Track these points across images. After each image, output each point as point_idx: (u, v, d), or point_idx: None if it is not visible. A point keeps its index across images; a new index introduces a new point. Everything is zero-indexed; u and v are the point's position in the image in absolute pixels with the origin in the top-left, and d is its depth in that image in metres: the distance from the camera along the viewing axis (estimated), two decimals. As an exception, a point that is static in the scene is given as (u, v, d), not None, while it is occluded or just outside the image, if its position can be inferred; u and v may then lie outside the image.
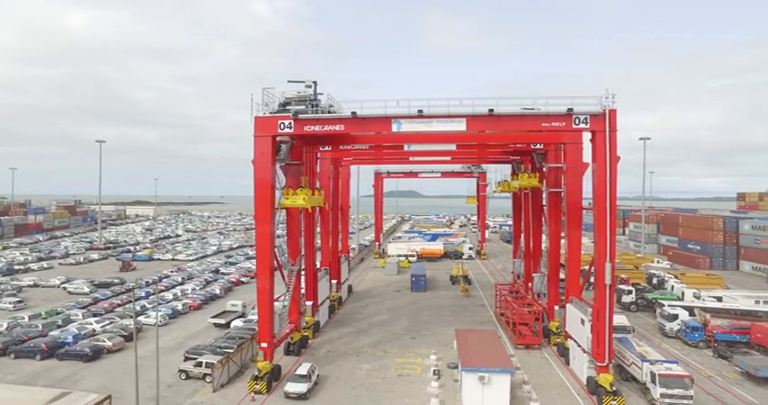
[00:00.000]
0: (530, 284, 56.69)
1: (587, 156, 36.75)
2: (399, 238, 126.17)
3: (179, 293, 61.38)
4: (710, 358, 41.14)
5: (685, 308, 47.71)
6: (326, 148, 48.50)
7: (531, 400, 30.96)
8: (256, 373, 33.66)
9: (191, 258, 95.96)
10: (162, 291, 63.91)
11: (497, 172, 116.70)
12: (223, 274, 78.06)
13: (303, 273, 44.93)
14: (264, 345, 34.58)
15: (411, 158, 71.27)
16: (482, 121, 32.33)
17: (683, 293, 53.48)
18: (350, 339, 46.14)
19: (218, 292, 63.26)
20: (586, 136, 35.55)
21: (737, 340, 42.34)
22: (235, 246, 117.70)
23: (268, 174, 34.25)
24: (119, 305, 56.06)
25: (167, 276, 73.84)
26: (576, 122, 31.53)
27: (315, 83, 35.23)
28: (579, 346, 35.66)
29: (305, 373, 33.53)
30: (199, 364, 35.44)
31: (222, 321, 48.81)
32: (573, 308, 37.80)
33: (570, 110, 31.19)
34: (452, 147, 53.00)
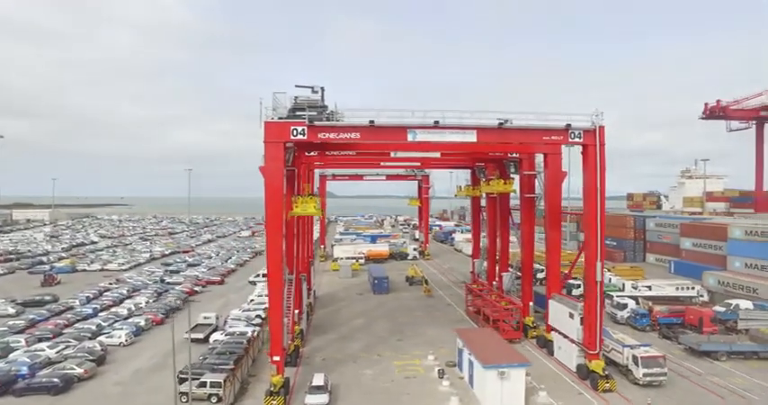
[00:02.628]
0: (494, 283, 60.77)
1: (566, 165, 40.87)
2: (341, 240, 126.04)
3: (133, 308, 56.22)
4: (657, 339, 47.43)
5: (631, 297, 54.49)
6: (313, 154, 47.78)
7: (539, 390, 33.73)
8: (271, 389, 32.53)
9: (123, 268, 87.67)
10: (111, 306, 58.11)
11: (440, 176, 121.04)
12: (170, 283, 72.66)
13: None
14: (277, 358, 33.55)
15: (381, 164, 72.09)
16: (491, 134, 34.52)
17: (623, 285, 60.63)
18: (339, 345, 45.99)
19: (176, 303, 58.95)
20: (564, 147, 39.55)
21: (675, 323, 49.41)
22: (167, 252, 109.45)
23: (279, 181, 33.36)
24: (66, 326, 49.99)
25: (107, 289, 67.00)
26: (572, 137, 34.98)
27: (322, 89, 34.92)
28: (566, 337, 39.41)
29: (321, 383, 33.19)
30: (203, 384, 33.34)
31: (200, 336, 45.86)
32: (557, 303, 41.60)
33: (568, 125, 34.53)
34: (435, 154, 54.83)
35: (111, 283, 71.10)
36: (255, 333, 45.34)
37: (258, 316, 52.80)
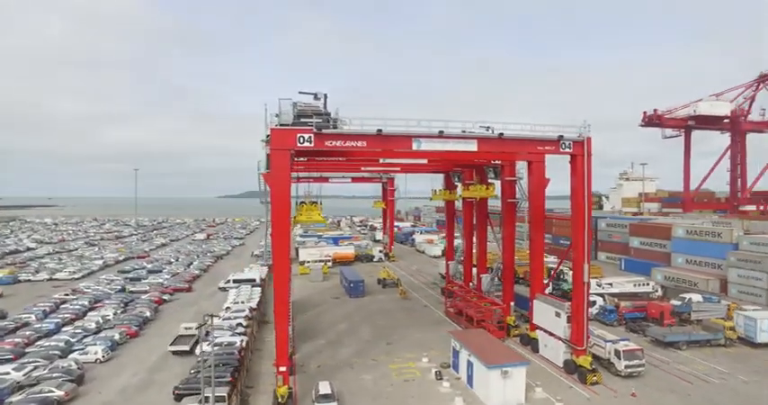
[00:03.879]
0: (471, 284, 62.91)
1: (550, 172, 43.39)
2: (303, 242, 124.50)
3: (101, 320, 52.82)
4: (624, 333, 51.37)
5: (598, 295, 58.43)
6: (302, 159, 47.28)
7: (535, 386, 35.67)
8: (279, 400, 32.13)
9: (75, 277, 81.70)
10: (74, 319, 54.28)
11: (405, 179, 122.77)
12: (135, 292, 68.81)
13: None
14: (283, 368, 33.19)
15: (363, 168, 72.14)
16: (491, 143, 36.09)
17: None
18: (330, 352, 45.92)
19: (148, 314, 56.06)
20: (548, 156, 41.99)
21: (639, 317, 53.71)
22: (121, 258, 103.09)
23: (286, 188, 33.05)
24: (27, 344, 46.09)
25: (64, 301, 62.33)
26: (563, 147, 37.32)
27: (325, 95, 34.96)
28: (552, 335, 41.85)
29: (329, 391, 33.22)
30: (206, 400, 32.23)
31: (185, 348, 44.05)
32: (542, 303, 44.01)
33: (561, 137, 36.82)
34: (422, 160, 55.80)
35: (66, 295, 66.13)
36: (244, 342, 44.27)
37: (239, 324, 51.48)
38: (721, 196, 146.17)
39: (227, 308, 59.02)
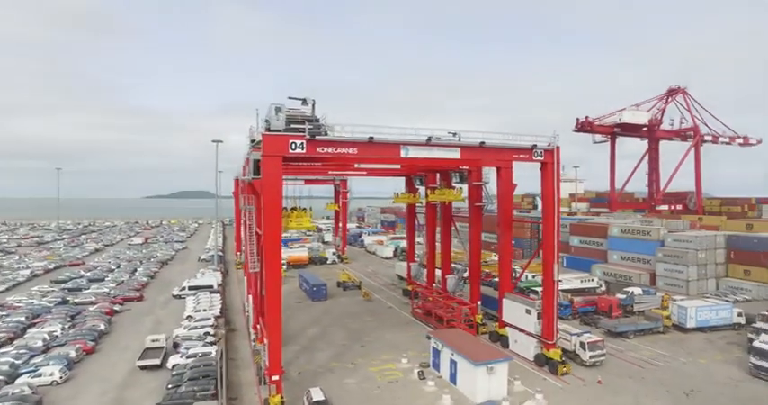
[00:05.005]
0: (434, 285, 64.94)
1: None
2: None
3: (47, 337, 48.40)
4: (579, 326, 55.73)
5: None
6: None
7: (514, 380, 37.94)
8: (272, 410, 31.72)
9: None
10: (12, 338, 49.28)
11: (358, 181, 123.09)
12: (78, 304, 63.55)
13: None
14: (276, 377, 32.76)
15: (329, 172, 71.54)
16: (473, 151, 37.89)
17: (542, 280, 69.12)
18: (307, 357, 45.62)
19: (102, 327, 52.19)
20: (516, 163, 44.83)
21: (590, 310, 58.48)
22: (51, 267, 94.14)
23: (278, 195, 32.65)
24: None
25: (-6, 318, 56.22)
26: (535, 155, 40.03)
27: (314, 101, 34.94)
28: (523, 331, 44.62)
29: (322, 398, 33.25)
30: (196, 414, 31.12)
31: (156, 362, 41.70)
32: (512, 301, 46.73)
33: (534, 146, 39.50)
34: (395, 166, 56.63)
35: (-6, 310, 59.71)
36: (219, 352, 42.79)
37: (207, 333, 49.65)
38: (639, 197, 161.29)
39: (189, 317, 56.60)
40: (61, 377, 39.37)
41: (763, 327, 45.77)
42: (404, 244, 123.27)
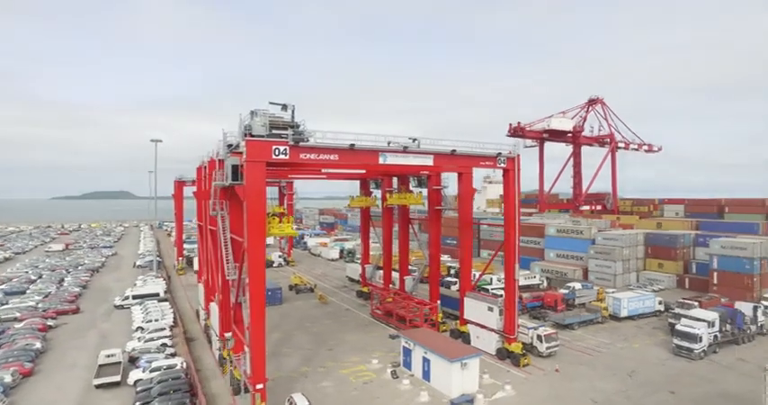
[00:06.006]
0: (390, 286, 66.55)
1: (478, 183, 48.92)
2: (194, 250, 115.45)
3: (-25, 359, 43.28)
4: (529, 320, 59.99)
5: (501, 288, 66.71)
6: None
7: (483, 373, 40.34)
8: (259, 420, 31.30)
9: None
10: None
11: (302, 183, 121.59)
12: (3, 320, 57.22)
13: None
14: (260, 386, 32.33)
15: (289, 176, 70.09)
16: (444, 158, 39.74)
17: (491, 279, 73.33)
18: (275, 363, 44.90)
19: (38, 345, 47.55)
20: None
21: (538, 305, 63.09)
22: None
23: (262, 201, 32.19)
24: None
25: None
26: (499, 162, 42.85)
27: (293, 107, 34.93)
28: (484, 327, 47.38)
29: (306, 403, 33.34)
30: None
31: (116, 378, 38.99)
32: (473, 300, 49.37)
33: (499, 154, 42.29)
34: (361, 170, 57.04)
35: None
36: (184, 363, 41.12)
37: (164, 345, 47.34)
38: (563, 198, 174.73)
39: (140, 328, 53.39)
40: None
41: (681, 312, 52.33)
42: (349, 245, 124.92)
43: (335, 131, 34.45)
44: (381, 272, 69.70)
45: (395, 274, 67.74)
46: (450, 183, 55.35)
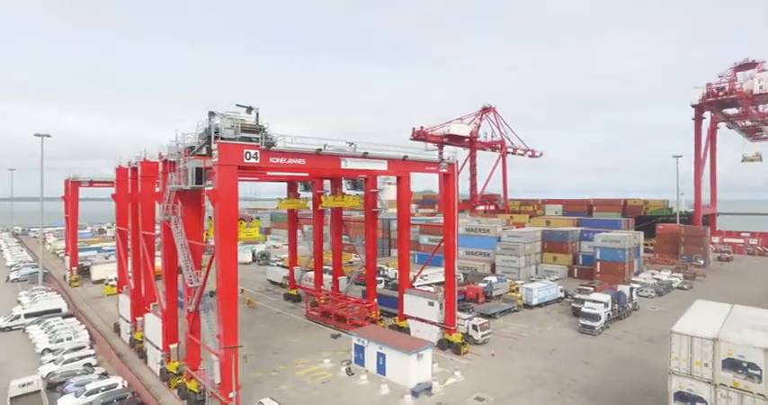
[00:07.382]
0: (322, 287, 67.35)
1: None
2: (87, 258, 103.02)
3: None
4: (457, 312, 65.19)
5: (428, 284, 71.50)
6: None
7: (432, 363, 43.66)
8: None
9: None
10: None
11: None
12: None
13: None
14: (232, 394, 31.64)
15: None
16: (397, 164, 42.36)
17: (414, 277, 77.47)
18: (223, 372, 43.58)
19: None
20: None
21: (462, 299, 68.73)
22: None
23: (234, 205, 31.66)
24: None
25: None
26: (442, 167, 46.69)
27: (258, 109, 34.76)
28: (425, 321, 50.91)
29: (277, 408, 33.42)
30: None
31: None
32: (414, 296, 52.64)
33: (442, 159, 46.12)
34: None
35: None
36: (125, 382, 38.03)
37: (88, 364, 43.03)
38: (460, 198, 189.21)
39: (47, 350, 47.43)
40: None
41: (583, 297, 61.53)
42: (260, 248, 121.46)
43: (303, 136, 35.08)
44: (311, 274, 70.08)
45: (326, 276, 68.63)
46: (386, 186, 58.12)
